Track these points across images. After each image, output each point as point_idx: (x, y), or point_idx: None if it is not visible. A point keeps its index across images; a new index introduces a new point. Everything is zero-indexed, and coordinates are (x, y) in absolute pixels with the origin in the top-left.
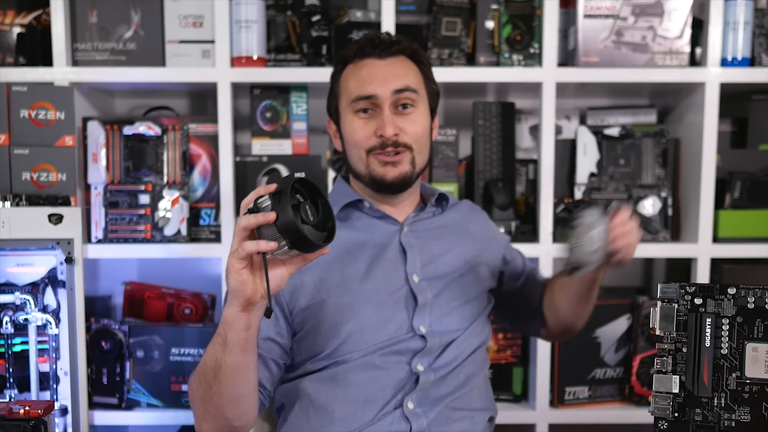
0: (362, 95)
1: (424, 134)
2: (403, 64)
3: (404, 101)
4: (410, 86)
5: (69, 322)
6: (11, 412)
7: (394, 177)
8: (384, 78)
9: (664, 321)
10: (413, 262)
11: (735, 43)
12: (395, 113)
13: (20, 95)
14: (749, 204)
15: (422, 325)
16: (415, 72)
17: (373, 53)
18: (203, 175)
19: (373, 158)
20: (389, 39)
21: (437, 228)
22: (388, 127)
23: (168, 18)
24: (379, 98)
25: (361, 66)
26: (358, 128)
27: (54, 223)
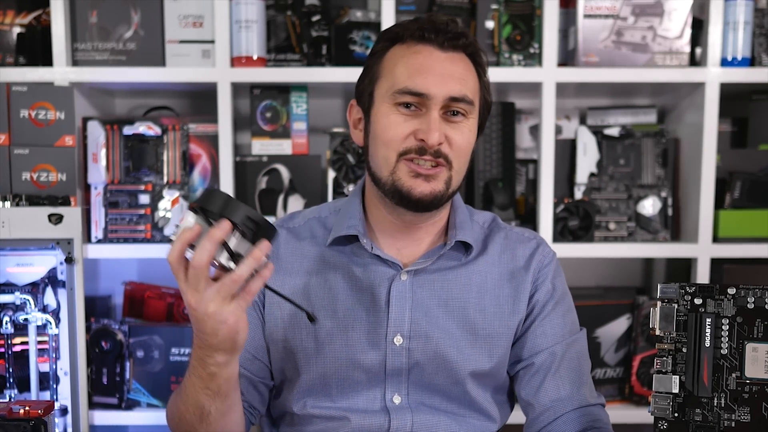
0: (411, 89)
1: (468, 151)
2: (465, 65)
3: (456, 109)
4: (468, 96)
5: (69, 322)
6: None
7: (423, 194)
8: (442, 77)
9: (664, 321)
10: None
11: (735, 43)
12: (443, 118)
13: (20, 95)
14: (749, 204)
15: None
16: (474, 78)
17: (435, 40)
18: (203, 175)
19: (404, 165)
20: (456, 28)
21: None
22: (434, 133)
23: (168, 18)
24: (431, 98)
25: (416, 51)
26: (394, 124)
27: (54, 223)
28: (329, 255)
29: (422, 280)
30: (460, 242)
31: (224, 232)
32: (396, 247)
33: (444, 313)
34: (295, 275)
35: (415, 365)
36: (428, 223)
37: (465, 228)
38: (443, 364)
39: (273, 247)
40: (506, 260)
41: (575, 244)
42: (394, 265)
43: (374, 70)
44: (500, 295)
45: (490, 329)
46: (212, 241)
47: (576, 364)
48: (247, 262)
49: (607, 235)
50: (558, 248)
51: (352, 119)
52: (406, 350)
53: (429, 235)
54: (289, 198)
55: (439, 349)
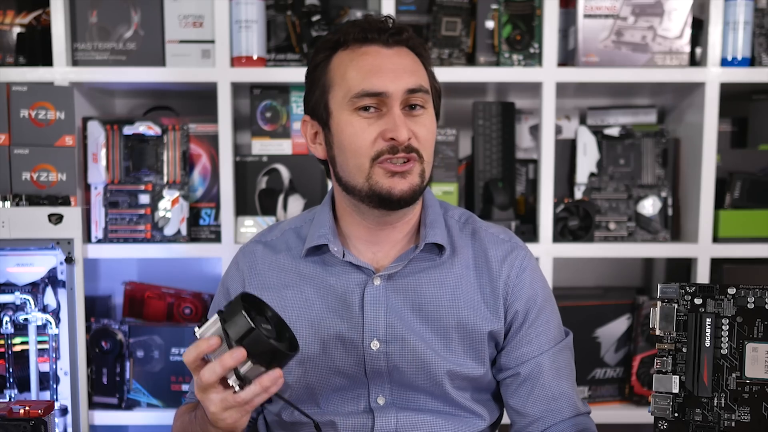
0: (369, 90)
1: (433, 140)
2: (411, 57)
3: (415, 101)
4: (423, 86)
5: (69, 322)
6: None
7: (403, 192)
8: (395, 72)
9: (664, 321)
10: (375, 323)
11: (735, 43)
12: (404, 114)
13: (20, 95)
14: (749, 204)
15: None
16: (422, 68)
17: (379, 39)
18: (203, 175)
19: (379, 168)
20: (396, 25)
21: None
22: (402, 129)
23: (168, 18)
24: (390, 96)
25: (363, 53)
26: (360, 129)
27: (54, 223)
28: (304, 266)
29: (396, 284)
30: (432, 243)
31: (236, 362)
32: (371, 251)
33: (418, 316)
34: (272, 289)
35: (394, 368)
36: (401, 223)
37: (436, 227)
38: (421, 367)
39: (250, 263)
40: (480, 262)
41: (575, 244)
42: (367, 271)
43: (323, 81)
44: (474, 298)
45: (464, 331)
46: (222, 367)
47: (566, 372)
48: (252, 389)
49: (607, 235)
50: (558, 248)
51: (308, 135)
52: (384, 354)
53: (402, 235)
54: (289, 198)
55: (416, 351)
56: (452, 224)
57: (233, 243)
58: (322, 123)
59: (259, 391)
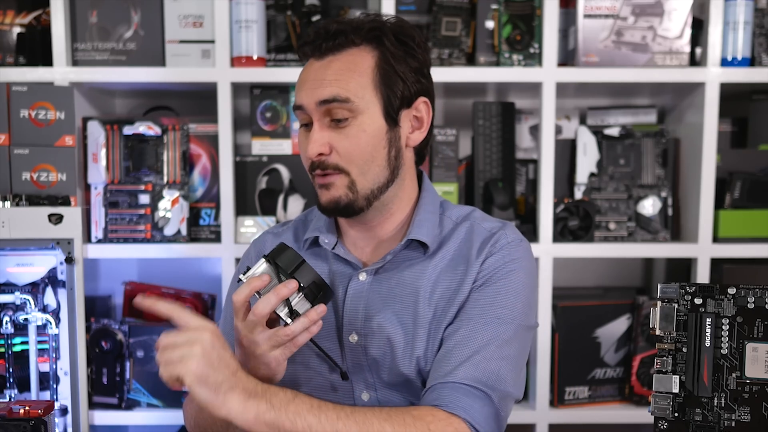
0: (295, 104)
1: (364, 152)
2: (342, 64)
3: (336, 114)
4: (339, 96)
5: (69, 322)
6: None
7: (327, 202)
8: (312, 84)
9: (664, 321)
10: (353, 316)
11: (735, 43)
12: (329, 127)
13: (20, 95)
14: (749, 204)
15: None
16: (361, 71)
17: (312, 53)
18: (203, 175)
19: (314, 177)
20: (333, 29)
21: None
22: (310, 146)
23: (168, 18)
24: (307, 109)
25: (304, 68)
26: (301, 143)
27: (54, 223)
28: (305, 257)
29: (380, 279)
30: (416, 241)
31: (290, 291)
32: (361, 246)
33: (398, 308)
34: None
35: (373, 362)
36: (379, 221)
37: (424, 225)
38: (398, 360)
39: (258, 251)
40: (463, 252)
41: (575, 244)
42: (355, 265)
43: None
44: (447, 286)
45: (432, 320)
46: (278, 296)
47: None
48: (302, 321)
49: (607, 235)
50: (558, 248)
51: None
52: (362, 347)
53: (386, 233)
54: (289, 198)
55: (392, 345)
56: (447, 224)
57: (233, 243)
58: None
59: (308, 323)
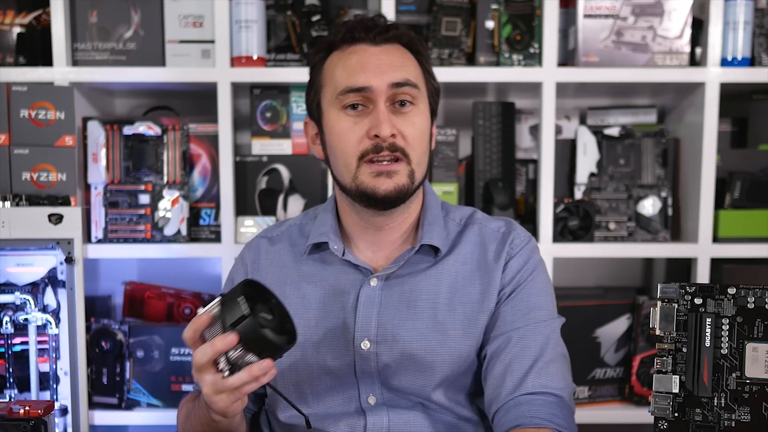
0: (352, 86)
1: (424, 140)
2: (401, 53)
3: (403, 97)
4: (410, 80)
5: (69, 322)
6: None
7: (388, 191)
8: (379, 67)
9: (664, 321)
10: (366, 323)
11: (735, 43)
12: (391, 111)
13: (20, 95)
14: (749, 204)
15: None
16: (415, 64)
17: (366, 38)
18: (203, 175)
19: (365, 167)
20: (385, 22)
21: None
22: (385, 125)
23: (168, 18)
24: (374, 91)
25: (351, 52)
26: (346, 129)
27: (54, 223)
28: (304, 263)
29: (392, 284)
30: (428, 245)
31: (226, 346)
32: (370, 251)
33: (413, 315)
34: (272, 285)
35: (384, 368)
36: (397, 223)
37: (434, 229)
38: (412, 366)
39: (254, 257)
40: (478, 256)
41: (575, 244)
42: (365, 270)
43: (317, 81)
44: (470, 292)
45: (459, 329)
46: (213, 349)
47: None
48: (240, 376)
49: (607, 235)
50: (558, 248)
51: (310, 136)
52: (374, 354)
53: (400, 235)
54: (289, 198)
55: (407, 351)
56: (452, 227)
57: (233, 243)
58: (317, 123)
59: (248, 378)
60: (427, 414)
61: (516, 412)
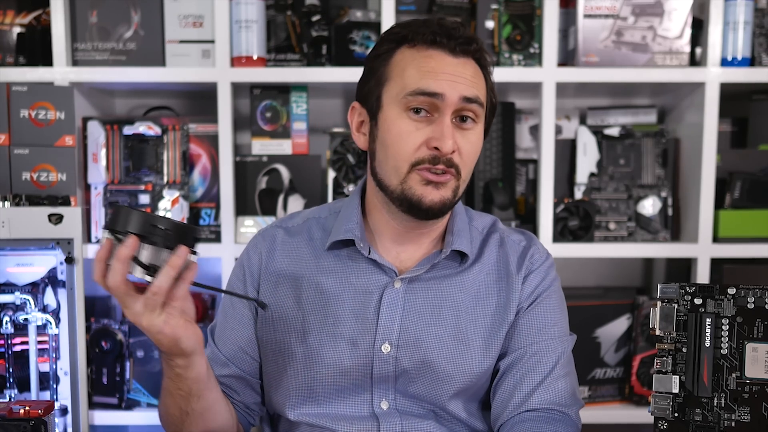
0: (424, 90)
1: (475, 159)
2: (474, 69)
3: (468, 113)
4: (480, 98)
5: (69, 322)
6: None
7: (433, 202)
8: (455, 78)
9: (664, 321)
10: (389, 326)
11: (735, 43)
12: (454, 125)
13: (20, 95)
14: (749, 204)
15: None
16: (483, 81)
17: (447, 45)
18: (203, 175)
19: (416, 174)
20: (466, 34)
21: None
22: (448, 140)
23: (168, 18)
24: (445, 100)
25: (428, 56)
26: (406, 132)
27: (54, 223)
28: (325, 258)
29: (416, 288)
30: (455, 251)
31: (130, 249)
32: (395, 251)
33: (436, 321)
34: (287, 278)
35: (402, 373)
36: (430, 229)
37: (462, 236)
38: (430, 373)
39: (269, 247)
40: (501, 267)
41: (575, 244)
42: (390, 272)
43: (381, 72)
44: (492, 303)
45: (481, 339)
46: (120, 260)
47: (544, 368)
48: (164, 271)
49: (607, 235)
50: (558, 248)
51: (355, 122)
52: (394, 358)
53: (428, 240)
54: (289, 198)
55: (427, 357)
56: (475, 235)
57: (233, 243)
58: (371, 114)
59: (171, 272)
60: (440, 423)
61: (519, 429)
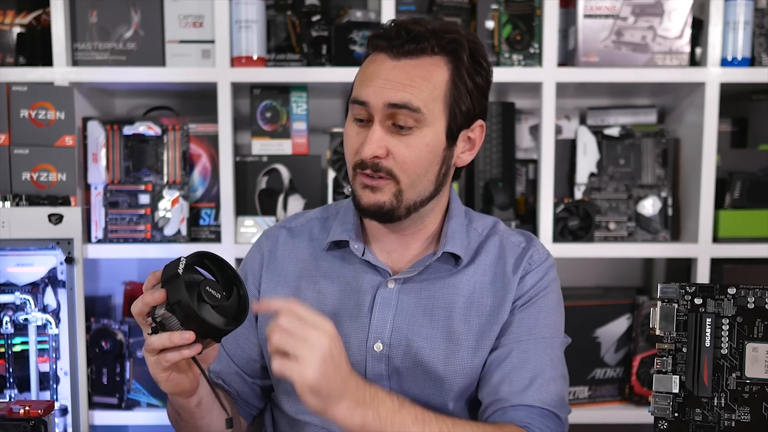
0: (356, 98)
1: (420, 164)
2: (419, 71)
3: (399, 120)
4: (410, 104)
5: (69, 322)
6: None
7: (368, 204)
8: (383, 84)
9: (664, 321)
10: (381, 325)
11: (735, 43)
12: (389, 130)
13: (20, 95)
14: (749, 204)
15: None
16: (435, 84)
17: (386, 48)
18: (203, 175)
19: (359, 176)
20: (415, 32)
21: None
22: (367, 146)
23: (168, 18)
24: (371, 107)
25: (371, 60)
26: (350, 137)
27: (54, 223)
28: (323, 259)
29: (409, 289)
30: (450, 253)
31: (153, 300)
32: (389, 252)
33: (428, 321)
34: (288, 278)
35: (394, 372)
36: (411, 232)
37: (457, 238)
38: (423, 373)
39: (272, 247)
40: (496, 268)
41: (575, 244)
42: (384, 272)
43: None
44: (487, 304)
45: (473, 339)
46: (142, 300)
47: (535, 367)
48: (161, 336)
49: (607, 235)
50: (558, 248)
51: None
52: (386, 357)
53: (418, 242)
54: (289, 198)
55: (419, 357)
56: (474, 237)
57: (233, 243)
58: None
59: (167, 343)
60: None
61: (513, 415)
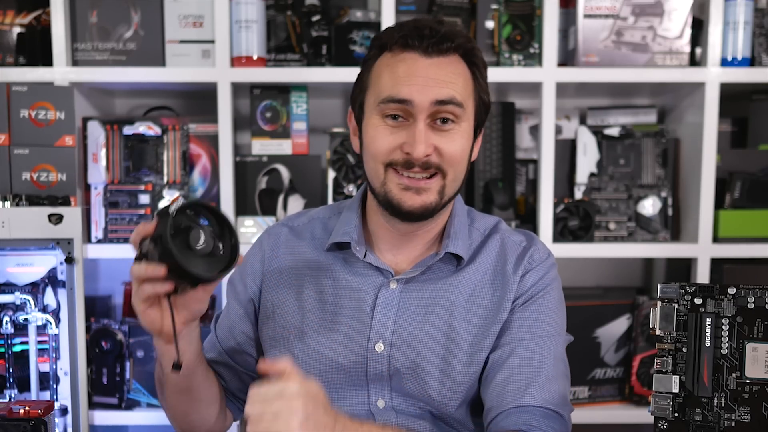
0: (394, 97)
1: (463, 158)
2: (453, 67)
3: (445, 115)
4: (456, 98)
5: (69, 322)
6: (11, 412)
7: (414, 207)
8: (426, 82)
9: (664, 321)
10: (383, 325)
11: (735, 43)
12: (431, 127)
13: (20, 95)
14: (749, 204)
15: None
16: (466, 79)
17: (419, 46)
18: (203, 175)
19: (393, 176)
20: (442, 31)
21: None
22: (420, 146)
23: (168, 18)
24: (415, 106)
25: (401, 59)
26: (381, 136)
27: (54, 223)
28: (324, 258)
29: (411, 289)
30: (451, 253)
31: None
32: (392, 253)
33: (429, 321)
34: (289, 276)
35: (395, 372)
36: (423, 231)
37: (459, 238)
38: (423, 373)
39: (273, 245)
40: (497, 267)
41: (575, 244)
42: (386, 273)
43: (364, 80)
44: (486, 303)
45: (473, 339)
46: (136, 231)
47: (537, 366)
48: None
49: (607, 235)
50: (558, 248)
51: (351, 126)
52: (387, 357)
53: (424, 242)
54: (289, 198)
55: (419, 357)
56: (475, 236)
57: None
58: (357, 121)
59: (142, 272)
60: (437, 424)
61: (517, 419)
